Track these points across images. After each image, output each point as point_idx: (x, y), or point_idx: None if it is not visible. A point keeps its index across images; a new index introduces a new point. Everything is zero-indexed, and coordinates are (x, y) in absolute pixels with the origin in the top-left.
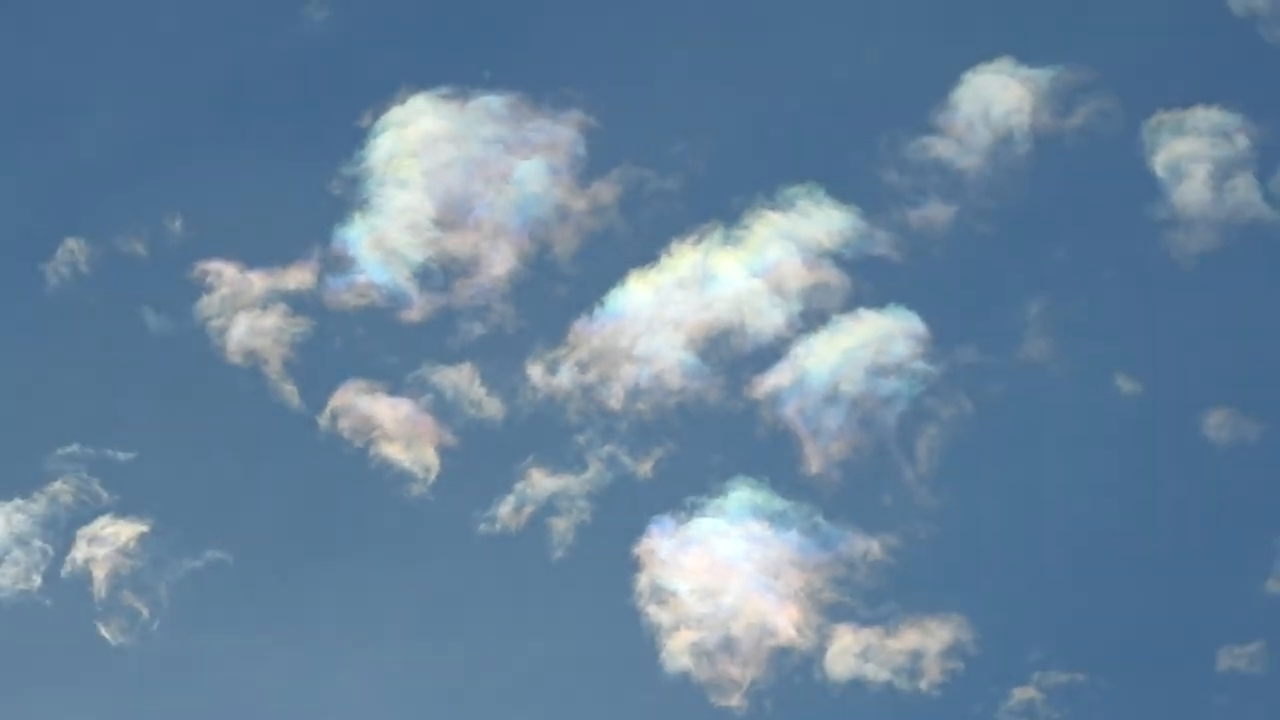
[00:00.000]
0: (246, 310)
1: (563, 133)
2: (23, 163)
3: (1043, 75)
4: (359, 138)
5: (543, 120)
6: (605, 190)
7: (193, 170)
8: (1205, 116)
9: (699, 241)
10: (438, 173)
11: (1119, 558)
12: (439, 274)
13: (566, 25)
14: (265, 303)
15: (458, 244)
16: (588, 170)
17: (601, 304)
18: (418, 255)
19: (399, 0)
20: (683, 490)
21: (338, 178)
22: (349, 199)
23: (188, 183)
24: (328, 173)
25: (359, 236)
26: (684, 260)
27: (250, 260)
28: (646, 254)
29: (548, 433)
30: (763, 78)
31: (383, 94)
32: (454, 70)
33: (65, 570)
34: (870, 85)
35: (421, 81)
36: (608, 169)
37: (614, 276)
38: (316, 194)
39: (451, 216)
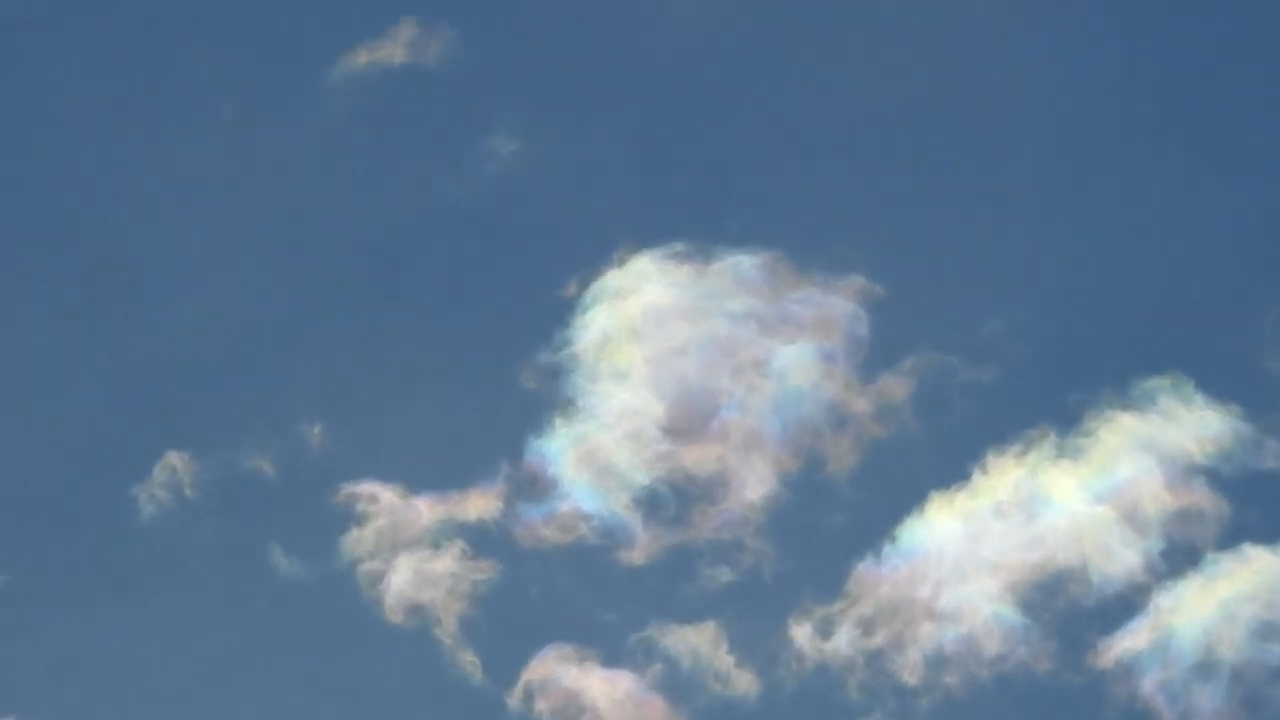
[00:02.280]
0: (410, 550)
1: (838, 305)
2: (115, 348)
3: None
4: (562, 312)
5: (810, 288)
6: (895, 384)
7: (338, 361)
8: None
9: (1023, 453)
10: (668, 360)
11: None
12: (671, 500)
13: (837, 161)
14: (436, 539)
15: (696, 459)
16: (872, 357)
17: (892, 540)
18: (642, 475)
19: (612, 128)
20: None
21: (533, 368)
22: (548, 397)
23: (330, 378)
24: (520, 361)
25: (562, 449)
26: (1003, 479)
27: (415, 482)
28: (952, 471)
29: (820, 716)
30: (1109, 234)
31: (594, 253)
32: (689, 220)
33: None
34: (1252, 248)
35: (645, 236)
36: (899, 355)
37: (909, 502)
38: (505, 390)
39: (687, 421)
